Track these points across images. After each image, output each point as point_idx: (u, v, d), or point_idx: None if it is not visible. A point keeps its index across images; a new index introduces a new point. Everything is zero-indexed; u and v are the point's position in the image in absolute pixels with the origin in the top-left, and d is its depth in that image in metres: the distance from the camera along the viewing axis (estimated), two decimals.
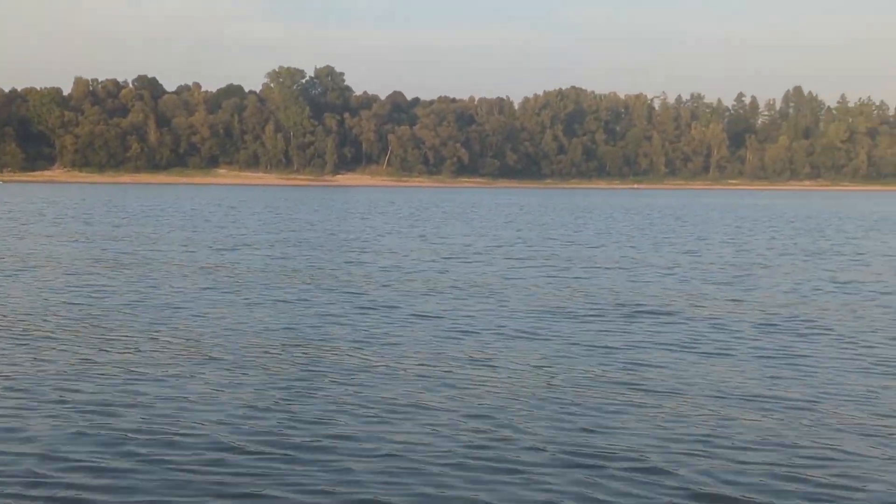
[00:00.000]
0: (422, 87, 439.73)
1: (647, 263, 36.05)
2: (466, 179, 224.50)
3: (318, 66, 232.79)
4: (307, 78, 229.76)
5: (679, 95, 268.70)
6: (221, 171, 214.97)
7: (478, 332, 19.70)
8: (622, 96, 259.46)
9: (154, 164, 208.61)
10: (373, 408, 13.34)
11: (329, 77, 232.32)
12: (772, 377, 15.74)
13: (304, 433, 12.07)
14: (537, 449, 11.53)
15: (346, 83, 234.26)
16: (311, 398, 13.88)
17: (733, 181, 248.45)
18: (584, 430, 12.42)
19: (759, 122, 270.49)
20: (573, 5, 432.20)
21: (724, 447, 11.76)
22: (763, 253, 42.28)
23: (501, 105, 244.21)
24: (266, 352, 17.32)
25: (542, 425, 12.60)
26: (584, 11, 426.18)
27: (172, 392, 14.14)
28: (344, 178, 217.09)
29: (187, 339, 18.48)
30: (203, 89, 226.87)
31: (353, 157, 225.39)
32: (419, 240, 47.88)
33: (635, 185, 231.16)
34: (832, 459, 11.37)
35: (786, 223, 71.02)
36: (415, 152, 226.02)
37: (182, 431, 12.09)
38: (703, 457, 11.37)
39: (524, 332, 19.87)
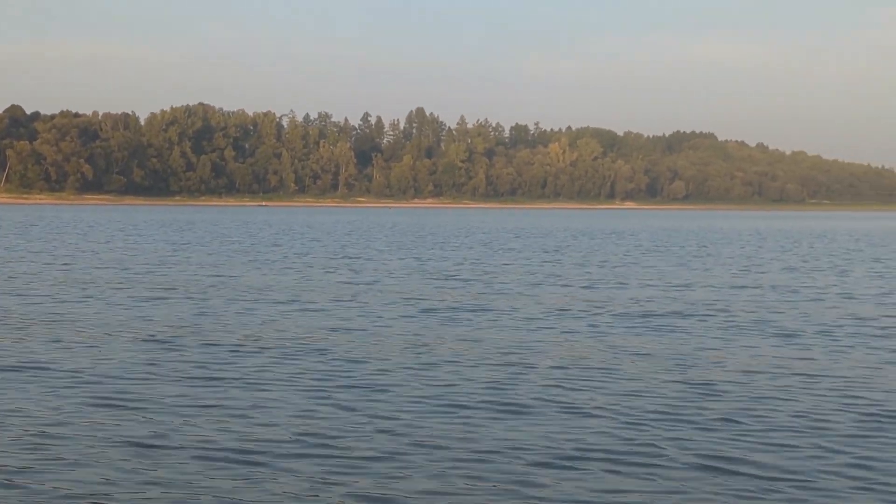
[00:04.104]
0: (42, 100, 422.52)
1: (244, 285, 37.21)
2: (91, 196, 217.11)
3: None
4: None
5: (307, 114, 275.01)
6: None
7: None
8: (251, 114, 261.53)
9: None
10: None
11: None
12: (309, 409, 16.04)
13: None
14: None
15: None
16: None
17: (361, 199, 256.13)
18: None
19: (385, 141, 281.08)
20: (196, 20, 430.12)
21: None
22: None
23: (127, 120, 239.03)
24: None
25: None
26: (206, 27, 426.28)
27: None
28: None
29: None
30: None
31: None
32: None
33: (263, 203, 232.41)
34: None
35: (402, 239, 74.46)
36: (35, 168, 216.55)
37: None
38: None
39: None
